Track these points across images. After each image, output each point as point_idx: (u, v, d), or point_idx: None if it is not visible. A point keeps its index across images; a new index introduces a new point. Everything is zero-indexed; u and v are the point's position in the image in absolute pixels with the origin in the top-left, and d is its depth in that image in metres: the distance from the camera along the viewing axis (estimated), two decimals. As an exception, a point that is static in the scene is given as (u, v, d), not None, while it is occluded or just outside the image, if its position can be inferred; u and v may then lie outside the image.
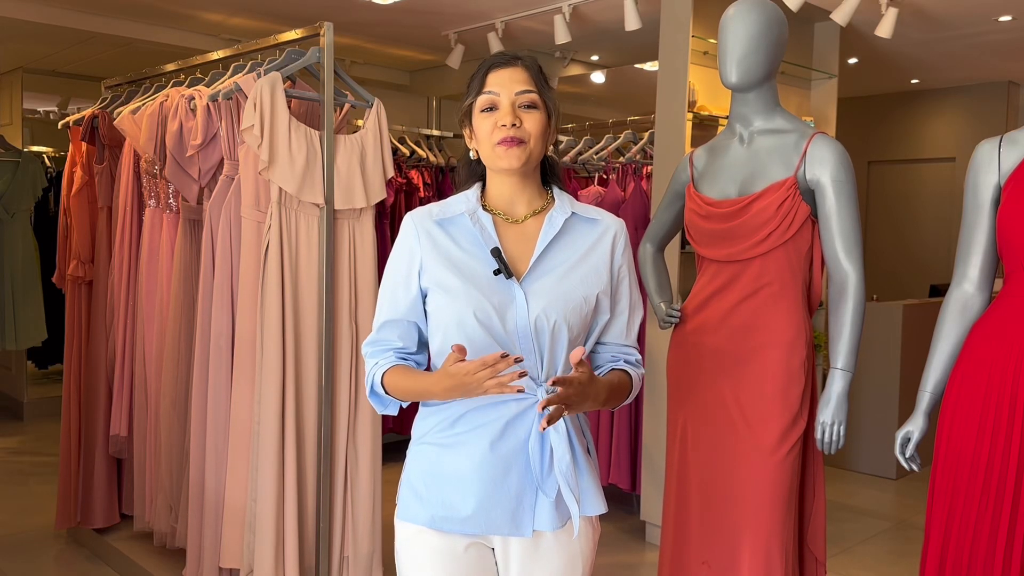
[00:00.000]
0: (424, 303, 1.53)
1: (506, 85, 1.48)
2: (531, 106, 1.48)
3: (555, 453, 1.46)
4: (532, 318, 1.46)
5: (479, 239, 1.51)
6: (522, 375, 1.32)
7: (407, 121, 5.22)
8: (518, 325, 1.46)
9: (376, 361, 1.54)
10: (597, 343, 1.59)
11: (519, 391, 1.35)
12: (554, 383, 1.33)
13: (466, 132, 1.56)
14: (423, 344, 1.57)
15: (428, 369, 1.56)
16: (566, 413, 1.36)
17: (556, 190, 1.58)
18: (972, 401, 1.83)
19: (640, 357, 1.62)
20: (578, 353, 1.35)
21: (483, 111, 1.49)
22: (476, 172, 1.58)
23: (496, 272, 1.46)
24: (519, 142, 1.47)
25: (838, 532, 3.97)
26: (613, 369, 1.58)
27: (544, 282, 1.49)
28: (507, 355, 1.31)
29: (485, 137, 1.49)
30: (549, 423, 1.32)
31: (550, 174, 1.60)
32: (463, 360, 1.34)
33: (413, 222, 1.54)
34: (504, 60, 1.51)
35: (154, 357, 3.16)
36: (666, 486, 2.38)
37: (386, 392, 1.53)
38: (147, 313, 3.21)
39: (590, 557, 1.57)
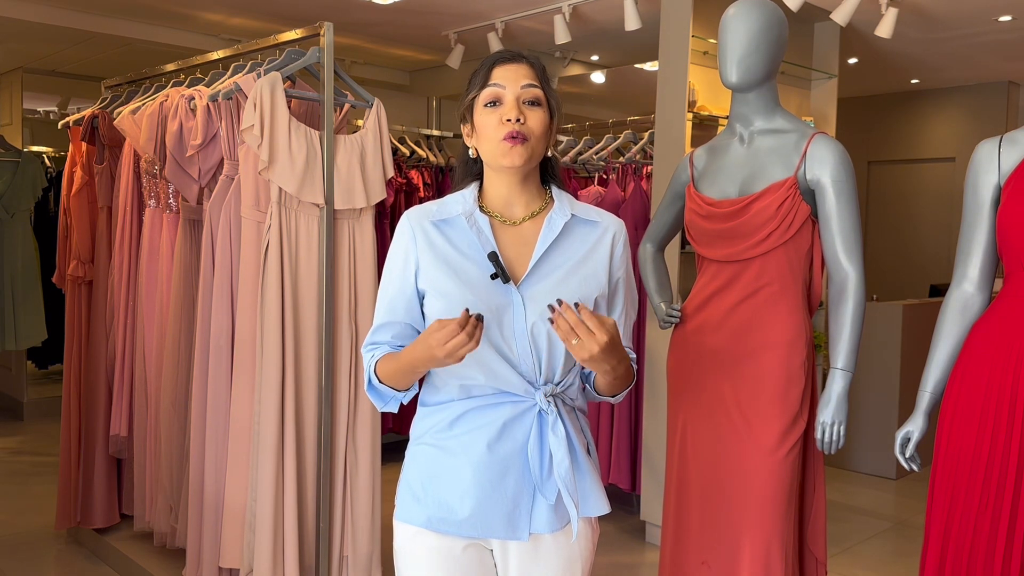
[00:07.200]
0: (421, 304, 1.51)
1: (512, 79, 1.46)
2: (535, 102, 1.47)
3: (554, 457, 1.44)
4: (530, 323, 1.44)
5: (476, 242, 1.48)
6: (478, 318, 1.31)
7: (407, 121, 5.22)
8: (515, 330, 1.44)
9: (372, 354, 1.52)
10: None
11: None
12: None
13: (465, 129, 1.54)
14: None
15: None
16: (589, 360, 1.32)
17: (555, 190, 1.55)
18: (972, 401, 1.83)
19: (635, 356, 1.61)
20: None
21: (487, 105, 1.47)
22: (473, 171, 1.56)
23: (493, 276, 1.44)
24: (523, 139, 1.44)
25: (838, 532, 3.96)
26: None
27: (542, 286, 1.46)
28: (468, 311, 1.31)
29: (489, 133, 1.46)
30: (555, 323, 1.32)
31: (549, 173, 1.57)
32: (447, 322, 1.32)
33: (409, 222, 1.51)
34: (509, 56, 1.50)
35: (154, 357, 3.16)
36: (666, 486, 2.38)
37: (380, 380, 1.50)
38: (147, 313, 3.21)
39: (589, 559, 1.57)
